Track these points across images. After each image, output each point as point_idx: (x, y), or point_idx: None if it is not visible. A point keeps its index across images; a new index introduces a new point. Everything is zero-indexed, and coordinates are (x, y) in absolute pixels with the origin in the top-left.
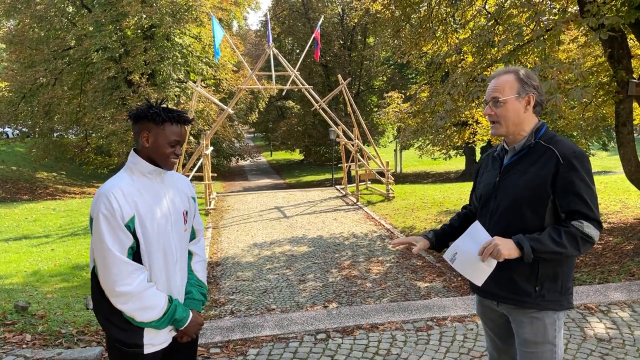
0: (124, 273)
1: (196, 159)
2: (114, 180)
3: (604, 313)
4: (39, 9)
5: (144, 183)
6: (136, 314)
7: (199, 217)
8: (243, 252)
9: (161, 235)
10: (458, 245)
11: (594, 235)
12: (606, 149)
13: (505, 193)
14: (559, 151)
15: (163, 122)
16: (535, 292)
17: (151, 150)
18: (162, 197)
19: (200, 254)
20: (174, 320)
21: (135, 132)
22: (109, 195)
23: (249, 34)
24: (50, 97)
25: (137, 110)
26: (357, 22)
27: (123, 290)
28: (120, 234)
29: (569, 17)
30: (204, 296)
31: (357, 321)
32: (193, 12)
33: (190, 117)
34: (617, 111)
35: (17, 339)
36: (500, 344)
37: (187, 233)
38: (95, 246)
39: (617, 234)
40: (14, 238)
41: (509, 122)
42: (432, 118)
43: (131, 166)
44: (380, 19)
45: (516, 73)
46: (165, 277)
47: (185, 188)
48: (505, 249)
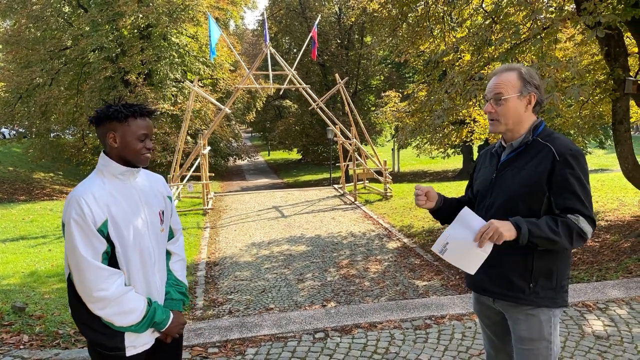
0: (100, 279)
1: (194, 158)
2: (84, 184)
3: (602, 310)
4: (35, 9)
5: (116, 185)
6: (115, 319)
7: (177, 215)
8: (241, 252)
9: (137, 237)
10: (449, 234)
11: (588, 231)
12: (603, 147)
13: (502, 189)
14: (556, 148)
15: (126, 118)
16: (530, 288)
17: (121, 149)
18: (136, 198)
19: (179, 254)
20: (153, 323)
21: (100, 135)
22: (79, 200)
23: (246, 34)
24: (47, 97)
25: (97, 113)
26: (354, 21)
27: (100, 295)
28: (93, 239)
29: (566, 15)
30: (184, 295)
31: (355, 320)
32: (190, 11)
33: (152, 109)
34: (614, 109)
35: (14, 340)
36: (497, 342)
37: (164, 233)
38: (68, 253)
39: (614, 232)
40: (11, 239)
41: (509, 120)
42: (430, 117)
43: (102, 168)
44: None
45: (518, 71)
46: (143, 279)
47: (161, 187)
48: (505, 229)
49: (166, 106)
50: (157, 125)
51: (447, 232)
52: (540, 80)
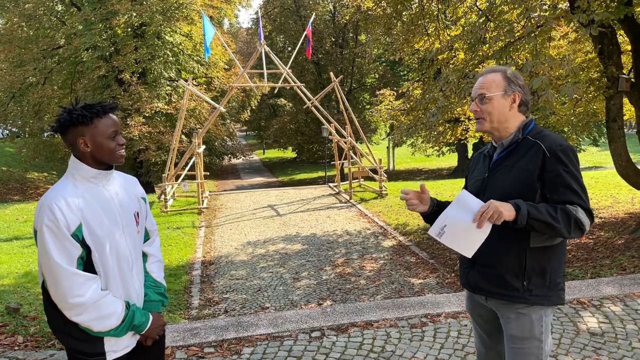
0: (75, 285)
1: (188, 157)
2: (55, 189)
3: (597, 307)
4: (27, 8)
5: (88, 188)
6: (93, 324)
7: (151, 217)
8: (236, 251)
9: (112, 241)
10: (447, 216)
11: (586, 222)
12: (597, 144)
13: (494, 189)
14: (545, 145)
15: (91, 120)
16: (523, 286)
17: (95, 152)
18: (110, 201)
19: (155, 254)
20: (133, 326)
21: (69, 142)
22: (51, 206)
23: (240, 32)
24: (40, 96)
25: (59, 121)
26: (349, 19)
27: (76, 301)
28: (67, 245)
29: (560, 13)
30: (163, 295)
31: (351, 319)
32: (184, 10)
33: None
34: (608, 107)
35: (9, 341)
36: (488, 340)
37: (140, 235)
38: (42, 260)
39: (608, 229)
40: (5, 239)
41: (494, 118)
42: (425, 115)
43: (73, 172)
44: (371, 16)
45: (503, 72)
46: (121, 282)
47: (134, 188)
48: (505, 209)
49: (160, 105)
50: (151, 124)
51: (445, 214)
52: (525, 81)
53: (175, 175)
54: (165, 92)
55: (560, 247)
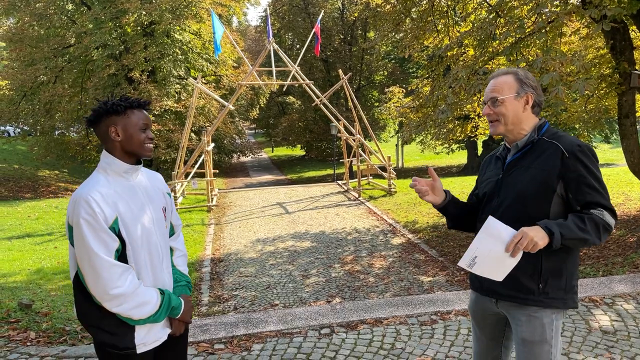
0: (115, 275)
1: (197, 155)
2: (89, 183)
3: (609, 305)
4: (38, 7)
5: (120, 183)
6: (133, 313)
7: (176, 212)
8: (246, 248)
9: (145, 235)
10: (477, 247)
11: (612, 223)
12: (608, 141)
13: (509, 189)
14: (564, 145)
15: (125, 110)
16: (539, 289)
17: (125, 142)
18: (141, 196)
19: (180, 249)
20: (171, 309)
21: (101, 132)
22: (88, 199)
23: (249, 30)
24: (51, 95)
25: (95, 111)
26: (358, 16)
27: (117, 292)
28: (106, 237)
29: (571, 8)
30: (188, 282)
31: (360, 316)
32: (193, 8)
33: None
34: (620, 103)
35: (21, 337)
36: (488, 343)
37: (167, 230)
38: (79, 253)
39: (620, 227)
40: (17, 236)
41: (508, 120)
42: (434, 112)
43: (105, 166)
44: (380, 12)
45: (515, 74)
46: (152, 276)
47: (160, 184)
48: (539, 238)
49: (170, 103)
50: (161, 122)
51: (475, 246)
52: (537, 82)
53: (184, 173)
54: (174, 90)
55: (576, 249)
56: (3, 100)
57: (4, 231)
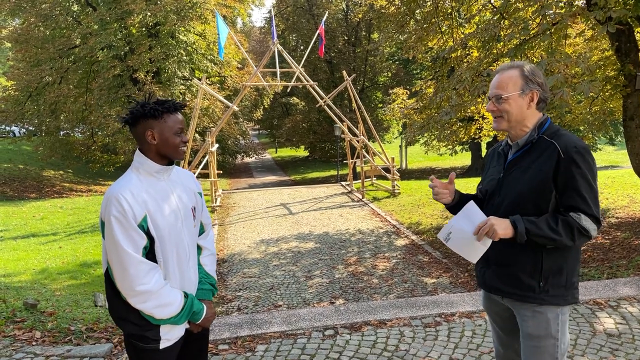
0: (142, 272)
1: (202, 156)
2: (121, 181)
3: (613, 308)
4: (44, 8)
5: (151, 182)
6: (155, 312)
7: (207, 211)
8: (249, 249)
9: (173, 233)
10: (453, 224)
11: (591, 229)
12: (613, 143)
13: (509, 189)
14: (561, 146)
15: (162, 115)
16: (540, 287)
17: (160, 146)
18: (171, 195)
19: (209, 248)
20: (192, 314)
21: (138, 134)
22: (118, 197)
23: (253, 31)
24: (56, 95)
25: (132, 113)
26: (362, 17)
27: (142, 289)
28: (134, 235)
29: (576, 10)
30: (213, 286)
31: (364, 317)
32: (197, 9)
33: (184, 104)
34: (625, 105)
35: (26, 336)
36: (506, 338)
37: (196, 229)
38: (109, 248)
39: (625, 229)
40: (22, 236)
41: (512, 117)
42: (438, 114)
43: (138, 166)
44: (384, 14)
45: (520, 69)
46: (179, 274)
47: (191, 184)
48: (500, 228)
49: None
50: None
51: (451, 222)
52: (544, 77)
53: None
54: (179, 91)
55: (577, 246)
56: (9, 101)
57: (9, 231)
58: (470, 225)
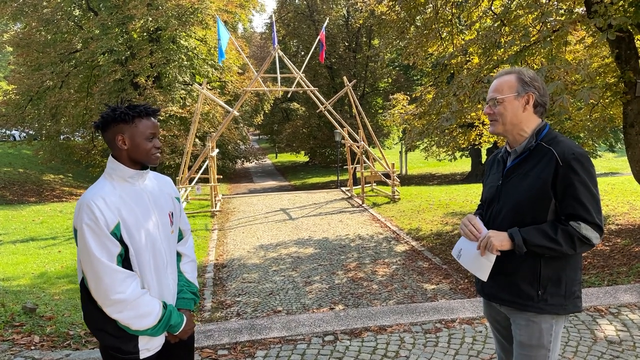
0: (117, 281)
1: (202, 161)
2: (94, 188)
3: (614, 315)
4: (45, 12)
5: (125, 188)
6: (131, 322)
7: (185, 216)
8: (249, 254)
9: (149, 240)
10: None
11: (592, 237)
12: (613, 150)
13: (508, 197)
14: (558, 152)
15: (133, 119)
16: (538, 295)
17: (131, 151)
18: (146, 201)
19: (189, 255)
20: (169, 327)
21: (108, 139)
22: (90, 205)
23: (254, 36)
24: (57, 99)
25: (103, 117)
26: (362, 23)
27: (117, 298)
28: (107, 242)
29: (576, 17)
30: (195, 295)
31: (364, 323)
32: (199, 14)
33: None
34: (625, 112)
35: (25, 341)
36: (507, 345)
37: (174, 234)
38: (82, 257)
39: (625, 236)
40: (21, 240)
41: (506, 120)
42: (438, 119)
43: (110, 172)
44: (385, 20)
45: (517, 74)
46: (157, 281)
47: (169, 188)
48: (497, 240)
49: (175, 109)
50: (165, 128)
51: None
52: (542, 83)
53: (188, 178)
54: (179, 96)
55: (576, 255)
56: (9, 105)
57: (8, 235)
58: (475, 243)
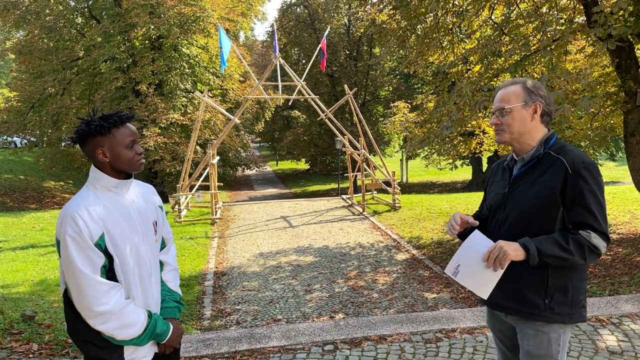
0: (100, 293)
1: (202, 168)
2: (77, 199)
3: (616, 325)
4: (48, 20)
5: (109, 197)
6: (116, 333)
7: (168, 225)
8: (249, 262)
9: (133, 249)
10: (460, 256)
11: (601, 246)
12: (614, 159)
13: (514, 204)
14: (568, 161)
15: (109, 130)
16: (545, 304)
17: (113, 162)
18: (130, 210)
19: (171, 263)
20: (155, 335)
21: (88, 153)
22: (74, 216)
23: (256, 45)
24: (59, 106)
25: (78, 132)
26: (363, 32)
27: (101, 309)
28: (91, 254)
29: (576, 27)
30: (178, 302)
31: (365, 332)
32: (200, 23)
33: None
34: (626, 121)
35: (23, 349)
36: (510, 355)
37: (157, 243)
38: (65, 269)
39: (626, 245)
40: (21, 247)
41: (514, 130)
42: (439, 128)
43: (94, 182)
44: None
45: (523, 83)
46: (141, 291)
47: (152, 197)
48: (511, 249)
49: (176, 116)
50: (166, 135)
51: (458, 255)
52: (547, 92)
53: (189, 185)
54: (181, 104)
55: (583, 265)
56: (11, 112)
57: (8, 242)
58: (477, 255)
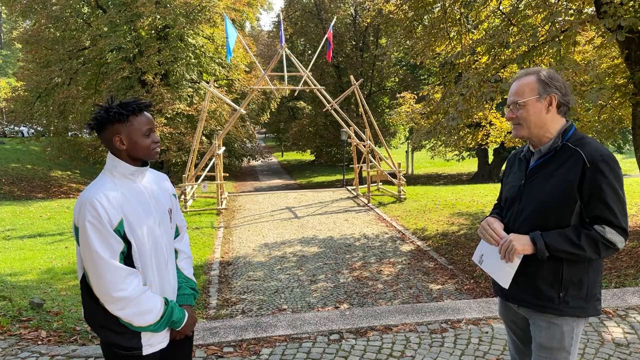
0: (119, 278)
1: (208, 158)
2: (95, 185)
3: (622, 317)
4: (54, 10)
5: (126, 185)
6: (134, 319)
7: (181, 213)
8: (254, 252)
9: (151, 236)
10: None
11: (617, 241)
12: (621, 151)
13: (531, 197)
14: (586, 154)
15: (127, 118)
16: (559, 297)
17: (131, 149)
18: (147, 197)
19: (185, 251)
20: (171, 322)
21: (105, 140)
22: (93, 202)
23: (262, 35)
24: (65, 96)
25: (97, 119)
26: (370, 22)
27: (119, 295)
28: (111, 240)
29: (585, 18)
30: (194, 290)
31: (370, 322)
32: (206, 12)
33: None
34: (634, 113)
35: (32, 336)
36: (522, 346)
37: (172, 231)
38: (84, 255)
39: (632, 238)
40: (29, 235)
41: (531, 124)
42: (445, 119)
43: (111, 169)
44: (392, 19)
45: (537, 74)
46: (158, 278)
47: (167, 185)
48: (518, 244)
49: (182, 106)
50: (172, 125)
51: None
52: (563, 81)
53: (195, 176)
54: (186, 94)
55: (598, 259)
56: (18, 101)
57: (16, 230)
58: (495, 247)
